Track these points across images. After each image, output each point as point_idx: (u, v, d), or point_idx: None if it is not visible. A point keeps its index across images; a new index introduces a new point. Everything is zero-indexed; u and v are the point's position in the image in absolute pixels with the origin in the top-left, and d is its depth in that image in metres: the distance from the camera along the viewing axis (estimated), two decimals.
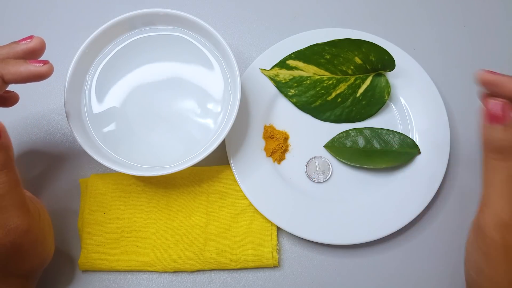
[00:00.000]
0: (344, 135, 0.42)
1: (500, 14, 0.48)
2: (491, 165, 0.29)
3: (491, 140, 0.28)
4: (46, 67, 0.31)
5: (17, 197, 0.31)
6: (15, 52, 0.32)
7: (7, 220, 0.30)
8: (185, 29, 0.41)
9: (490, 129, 0.28)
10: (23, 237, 0.31)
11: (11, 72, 0.30)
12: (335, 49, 0.43)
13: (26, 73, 0.31)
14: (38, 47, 0.32)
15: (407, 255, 0.41)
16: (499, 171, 0.28)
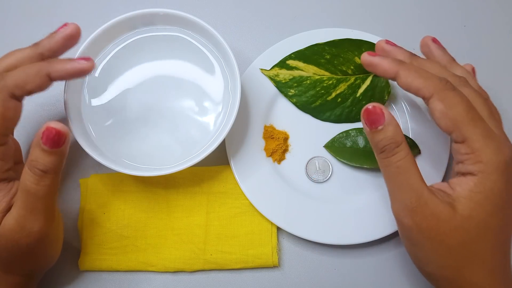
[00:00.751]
0: (344, 135, 0.42)
1: (500, 14, 0.48)
2: (383, 164, 0.32)
3: (375, 143, 0.32)
4: (89, 63, 0.33)
5: (50, 203, 0.32)
6: (56, 40, 0.34)
7: (33, 222, 0.31)
8: (185, 29, 0.41)
9: (371, 134, 0.32)
10: (38, 242, 0.32)
11: (57, 69, 0.32)
12: (335, 49, 0.43)
13: (72, 69, 0.32)
14: (75, 32, 0.34)
15: (407, 255, 0.41)
16: (389, 167, 0.32)
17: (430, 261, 0.32)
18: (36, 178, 0.30)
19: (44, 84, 0.32)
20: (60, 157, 0.30)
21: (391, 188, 0.32)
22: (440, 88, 0.31)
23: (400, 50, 0.36)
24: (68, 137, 0.30)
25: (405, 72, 0.32)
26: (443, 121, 0.31)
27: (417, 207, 0.31)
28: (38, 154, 0.30)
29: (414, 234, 0.31)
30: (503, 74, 0.46)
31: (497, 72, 0.46)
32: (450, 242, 0.30)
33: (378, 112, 0.31)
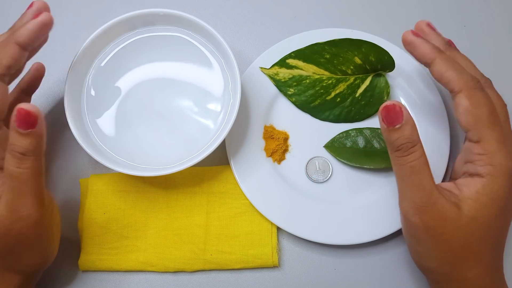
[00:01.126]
0: (344, 135, 0.42)
1: (500, 14, 0.48)
2: (397, 162, 0.32)
3: (391, 141, 0.32)
4: (44, 15, 0.32)
5: (36, 186, 0.31)
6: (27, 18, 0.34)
7: (21, 206, 0.31)
8: (185, 29, 0.41)
9: (388, 131, 0.32)
10: (30, 228, 0.32)
11: (20, 33, 0.32)
12: (335, 49, 0.43)
13: (32, 27, 0.32)
14: (42, 7, 0.35)
15: (407, 255, 0.41)
16: (403, 166, 0.32)
17: (432, 257, 0.33)
18: (16, 161, 0.30)
19: (17, 54, 0.32)
20: (37, 138, 0.30)
21: (402, 186, 0.33)
22: (470, 86, 0.32)
23: (438, 37, 0.37)
24: (41, 118, 0.30)
25: (442, 61, 0.33)
26: (464, 118, 0.32)
27: (426, 207, 0.31)
28: (15, 137, 0.30)
29: (419, 232, 0.32)
30: (503, 74, 0.46)
31: (497, 72, 0.46)
32: (453, 240, 0.32)
33: (397, 110, 0.31)
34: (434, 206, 0.31)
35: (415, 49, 0.34)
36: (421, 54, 0.34)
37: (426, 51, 0.34)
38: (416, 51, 0.34)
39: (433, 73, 0.34)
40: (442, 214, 0.31)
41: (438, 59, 0.33)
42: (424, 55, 0.34)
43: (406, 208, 0.32)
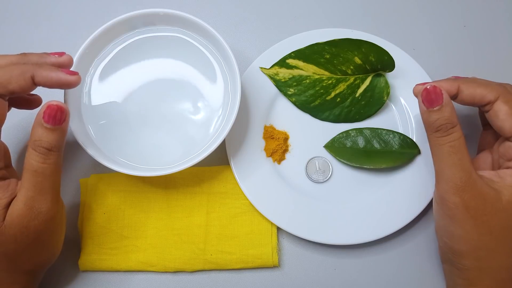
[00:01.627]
0: (344, 135, 0.42)
1: (500, 14, 0.48)
2: (436, 143, 0.33)
3: (431, 122, 0.33)
4: (75, 77, 0.33)
5: (56, 182, 0.33)
6: (44, 62, 0.34)
7: (41, 202, 0.32)
8: (185, 29, 0.41)
9: (428, 113, 0.33)
10: (46, 224, 0.32)
11: (42, 75, 0.32)
12: (335, 49, 0.43)
13: (56, 79, 0.32)
14: (67, 64, 0.35)
15: (407, 255, 0.41)
16: (443, 146, 0.33)
17: (468, 240, 0.33)
18: (42, 156, 0.31)
19: (27, 86, 0.32)
20: (62, 134, 0.32)
21: (441, 167, 0.33)
22: (503, 92, 0.34)
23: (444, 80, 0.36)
24: (68, 114, 0.32)
25: (465, 84, 0.34)
26: (509, 123, 0.33)
27: (466, 186, 0.32)
28: (41, 133, 0.31)
29: (459, 212, 0.32)
30: (503, 74, 0.46)
31: (497, 72, 0.46)
32: (492, 223, 0.32)
33: (438, 92, 0.33)
34: (474, 185, 0.32)
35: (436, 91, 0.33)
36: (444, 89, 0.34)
37: (447, 85, 0.34)
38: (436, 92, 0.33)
39: (464, 99, 0.34)
40: (483, 195, 0.32)
41: (461, 84, 0.34)
42: (449, 90, 0.34)
43: (445, 188, 0.33)
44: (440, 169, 0.33)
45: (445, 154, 0.33)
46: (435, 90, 0.33)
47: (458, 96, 0.35)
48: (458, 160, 0.32)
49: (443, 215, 0.34)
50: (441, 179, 0.33)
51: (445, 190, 0.33)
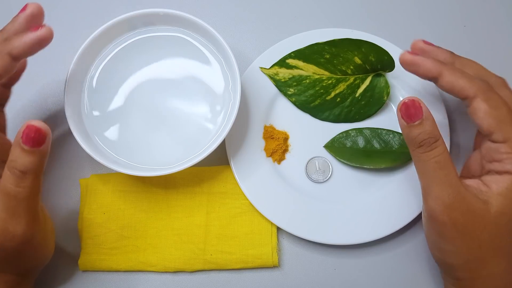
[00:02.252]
0: (344, 135, 0.42)
1: (500, 14, 0.48)
2: (420, 159, 0.32)
3: (413, 137, 0.32)
4: (45, 30, 0.31)
5: (32, 205, 0.31)
6: (19, 22, 0.33)
7: (15, 226, 0.30)
8: (185, 29, 0.41)
9: (408, 128, 0.32)
10: (24, 245, 0.31)
11: (15, 45, 0.31)
12: (335, 49, 0.43)
13: (30, 40, 0.31)
14: (36, 12, 0.33)
15: (407, 255, 0.41)
16: (427, 162, 0.32)
17: (458, 254, 0.32)
18: (15, 179, 0.29)
19: (9, 64, 0.31)
20: (40, 157, 0.29)
21: (427, 184, 0.32)
22: (484, 89, 0.32)
23: (440, 50, 0.36)
24: (49, 136, 0.30)
25: (449, 72, 0.33)
26: (487, 121, 0.32)
27: (455, 203, 0.31)
28: (17, 154, 0.29)
29: (448, 229, 0.32)
30: (503, 74, 0.46)
31: (497, 72, 0.46)
32: (482, 236, 0.31)
33: (417, 106, 0.31)
34: (463, 202, 0.31)
35: (418, 67, 0.34)
36: (426, 70, 0.33)
37: (430, 66, 0.33)
38: (420, 69, 0.34)
39: (443, 85, 0.33)
40: (472, 210, 0.31)
41: (445, 70, 0.33)
42: (430, 70, 0.33)
43: (433, 206, 0.32)
44: (427, 186, 0.32)
45: (430, 170, 0.31)
46: (413, 103, 0.31)
47: (438, 80, 0.33)
48: (444, 176, 0.31)
49: (432, 232, 0.33)
50: (428, 196, 0.32)
51: (432, 208, 0.32)
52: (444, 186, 0.31)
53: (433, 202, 0.32)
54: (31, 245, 0.32)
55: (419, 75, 0.34)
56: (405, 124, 0.32)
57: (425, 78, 0.35)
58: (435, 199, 0.31)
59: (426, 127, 0.31)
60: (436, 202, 0.31)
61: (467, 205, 0.31)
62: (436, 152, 0.31)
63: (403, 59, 0.34)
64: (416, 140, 0.32)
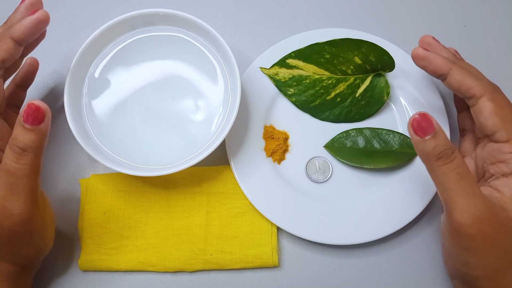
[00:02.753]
0: (344, 135, 0.42)
1: (500, 14, 0.48)
2: (440, 172, 0.31)
3: (428, 151, 0.30)
4: (41, 12, 0.33)
5: (31, 184, 0.31)
6: (21, 12, 0.35)
7: (13, 204, 0.31)
8: (185, 29, 0.41)
9: (423, 142, 0.30)
10: (21, 225, 0.31)
11: (15, 29, 0.33)
12: (335, 49, 0.43)
13: (28, 23, 0.33)
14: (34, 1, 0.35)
15: (407, 255, 0.41)
16: (448, 174, 0.30)
17: (485, 266, 0.31)
18: (15, 156, 0.30)
19: (12, 49, 0.33)
20: (40, 135, 0.30)
21: (450, 197, 0.30)
22: (490, 89, 0.33)
23: (445, 49, 0.37)
24: (48, 115, 0.30)
25: (458, 70, 0.34)
26: (491, 120, 0.32)
27: (483, 214, 0.30)
28: (18, 132, 0.30)
29: (477, 242, 0.30)
30: (503, 74, 0.46)
31: (497, 72, 0.46)
32: (507, 244, 0.31)
33: (428, 119, 0.30)
34: (490, 212, 0.30)
35: (429, 63, 0.34)
36: (436, 67, 0.34)
37: (441, 63, 0.34)
38: (430, 65, 0.34)
39: (451, 83, 0.34)
40: (497, 219, 0.30)
41: (454, 68, 0.34)
42: (441, 67, 0.34)
43: (460, 220, 0.30)
44: (450, 200, 0.30)
45: (453, 183, 0.30)
46: (425, 117, 0.30)
47: (446, 78, 0.34)
48: (468, 186, 0.30)
49: (457, 246, 0.32)
50: (453, 211, 0.30)
51: (460, 222, 0.30)
52: (469, 198, 0.30)
53: (460, 216, 0.30)
54: (29, 228, 0.32)
55: (428, 70, 0.35)
56: (419, 139, 0.30)
57: (434, 74, 0.35)
58: (462, 213, 0.30)
59: (440, 140, 0.30)
60: (463, 216, 0.30)
61: (493, 215, 0.30)
62: (456, 163, 0.30)
63: (416, 53, 0.35)
64: (433, 153, 0.30)
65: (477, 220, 0.30)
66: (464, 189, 0.30)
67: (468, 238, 0.30)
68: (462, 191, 0.30)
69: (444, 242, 0.34)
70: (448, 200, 0.31)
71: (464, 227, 0.30)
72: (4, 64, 0.33)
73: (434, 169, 0.31)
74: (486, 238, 0.30)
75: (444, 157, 0.30)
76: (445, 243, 0.34)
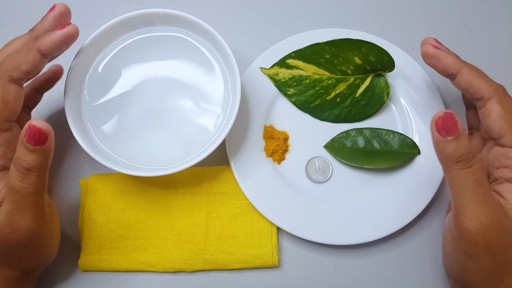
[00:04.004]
0: (344, 135, 0.42)
1: (500, 14, 0.48)
2: (457, 176, 0.30)
3: (449, 152, 0.30)
4: (71, 27, 0.33)
5: (38, 201, 0.31)
6: (49, 21, 0.35)
7: (21, 219, 0.31)
8: (185, 29, 0.41)
9: (445, 142, 0.29)
10: (29, 239, 0.32)
11: (44, 42, 0.33)
12: (335, 49, 0.43)
13: (57, 37, 0.33)
14: (64, 11, 0.35)
15: (407, 255, 0.41)
16: (466, 180, 0.29)
17: (482, 272, 0.31)
18: (20, 175, 0.30)
19: (38, 61, 0.33)
20: (44, 155, 0.30)
21: (464, 203, 0.30)
22: (499, 92, 0.32)
23: (448, 50, 0.36)
24: (51, 136, 0.30)
25: (468, 70, 0.33)
26: (499, 123, 0.32)
27: (491, 224, 0.29)
28: (22, 151, 0.30)
29: (479, 250, 0.30)
30: (503, 74, 0.46)
31: (497, 72, 0.46)
32: (508, 253, 0.31)
33: (454, 120, 0.29)
34: (498, 222, 0.29)
35: (439, 61, 0.34)
36: (446, 65, 0.34)
37: (451, 62, 0.33)
38: (440, 63, 0.34)
39: (461, 83, 0.33)
40: (504, 229, 0.30)
41: (464, 68, 0.33)
42: (450, 66, 0.33)
43: (468, 227, 0.30)
44: (462, 205, 0.30)
45: (469, 189, 0.29)
46: (451, 117, 0.29)
47: (455, 78, 0.34)
48: (483, 194, 0.29)
49: (459, 251, 0.32)
50: (463, 216, 0.30)
51: (467, 229, 0.30)
52: (482, 206, 0.29)
53: (468, 222, 0.30)
54: (35, 241, 0.32)
55: (438, 69, 0.34)
56: (441, 138, 0.29)
57: (443, 73, 0.34)
58: (471, 220, 0.29)
59: (463, 142, 0.29)
60: (472, 224, 0.29)
61: (501, 224, 0.30)
62: (475, 169, 0.29)
63: (426, 52, 0.34)
64: (454, 156, 0.29)
65: (485, 229, 0.29)
66: (478, 197, 0.29)
67: (472, 245, 0.30)
68: (476, 198, 0.29)
69: (445, 244, 0.34)
70: (460, 205, 0.30)
71: (470, 235, 0.30)
72: (28, 75, 0.33)
73: (452, 171, 0.30)
74: (490, 247, 0.30)
75: (464, 161, 0.29)
76: (446, 245, 0.34)
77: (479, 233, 0.29)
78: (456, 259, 0.33)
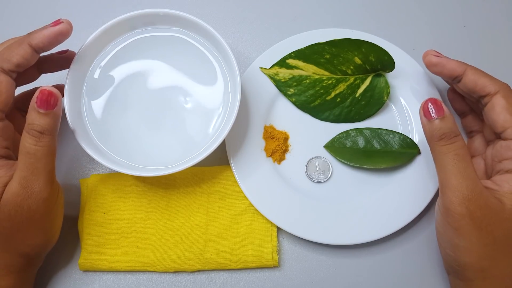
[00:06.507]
0: (344, 135, 0.42)
1: (500, 14, 0.48)
2: (440, 152, 0.33)
3: (433, 130, 0.33)
4: (64, 24, 0.34)
5: (49, 164, 0.33)
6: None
7: (34, 182, 0.33)
8: (185, 29, 0.41)
9: (430, 123, 0.33)
10: (40, 205, 0.33)
11: (35, 37, 0.34)
12: (335, 49, 0.43)
13: (49, 33, 0.34)
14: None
15: (407, 255, 0.41)
16: (447, 155, 0.33)
17: (472, 251, 0.32)
18: (34, 139, 0.32)
19: (28, 54, 0.34)
20: (55, 118, 0.33)
21: (446, 176, 0.33)
22: (504, 88, 0.35)
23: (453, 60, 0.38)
24: (60, 99, 0.33)
25: (472, 70, 0.35)
26: (503, 116, 0.33)
27: (473, 195, 0.31)
28: (34, 117, 0.32)
29: (465, 222, 0.32)
30: (503, 74, 0.46)
31: (497, 72, 0.46)
32: (497, 233, 0.32)
33: (439, 104, 0.33)
34: (480, 195, 0.31)
35: (443, 67, 0.36)
36: (451, 70, 0.36)
37: (455, 66, 0.36)
38: (445, 69, 0.36)
39: (466, 83, 0.35)
40: (488, 205, 0.32)
41: (468, 69, 0.35)
42: (455, 69, 0.35)
43: (451, 198, 0.32)
44: (445, 179, 0.33)
45: (450, 163, 0.32)
46: (435, 101, 0.33)
47: (462, 79, 0.35)
48: (463, 168, 0.32)
49: (448, 227, 0.33)
50: (446, 189, 0.33)
51: (450, 200, 0.32)
52: (463, 179, 0.32)
53: (451, 194, 0.32)
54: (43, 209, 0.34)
55: (443, 75, 0.37)
56: (427, 120, 0.33)
57: (449, 77, 0.36)
58: (453, 191, 0.32)
59: (447, 123, 0.33)
60: (454, 194, 0.32)
61: (484, 199, 0.32)
62: (456, 145, 0.32)
63: (430, 61, 0.37)
64: (437, 133, 0.33)
65: (466, 199, 0.31)
66: (459, 170, 0.32)
67: (457, 216, 0.32)
68: (457, 171, 0.32)
69: (437, 226, 0.35)
70: (443, 179, 0.33)
71: (454, 205, 0.32)
72: (19, 68, 0.34)
73: (436, 148, 0.33)
74: (474, 220, 0.31)
75: (446, 138, 0.33)
76: (438, 228, 0.35)
77: (461, 202, 0.32)
78: (447, 238, 0.34)
